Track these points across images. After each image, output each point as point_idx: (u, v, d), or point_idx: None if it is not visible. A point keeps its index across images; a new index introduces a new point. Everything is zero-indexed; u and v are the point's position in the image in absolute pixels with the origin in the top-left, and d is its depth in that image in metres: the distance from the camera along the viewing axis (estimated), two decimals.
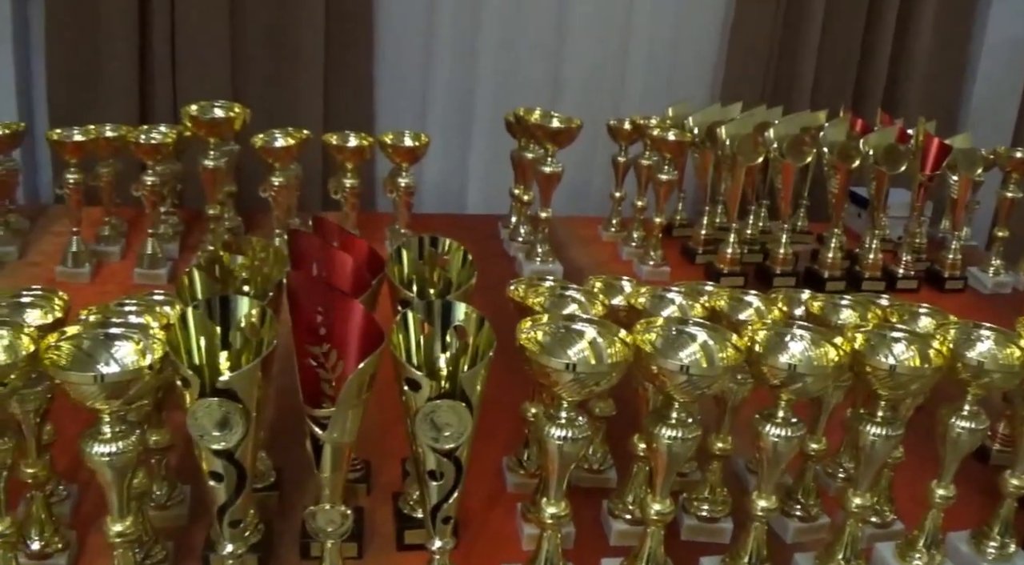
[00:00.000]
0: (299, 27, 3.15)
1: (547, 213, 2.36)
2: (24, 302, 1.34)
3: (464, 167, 3.41)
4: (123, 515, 1.21)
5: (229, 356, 1.18)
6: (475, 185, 3.45)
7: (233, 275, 1.39)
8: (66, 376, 1.10)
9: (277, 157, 2.18)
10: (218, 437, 1.11)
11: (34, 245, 2.48)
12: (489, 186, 3.41)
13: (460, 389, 1.16)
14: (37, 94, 3.28)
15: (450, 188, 3.39)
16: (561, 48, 3.34)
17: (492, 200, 3.31)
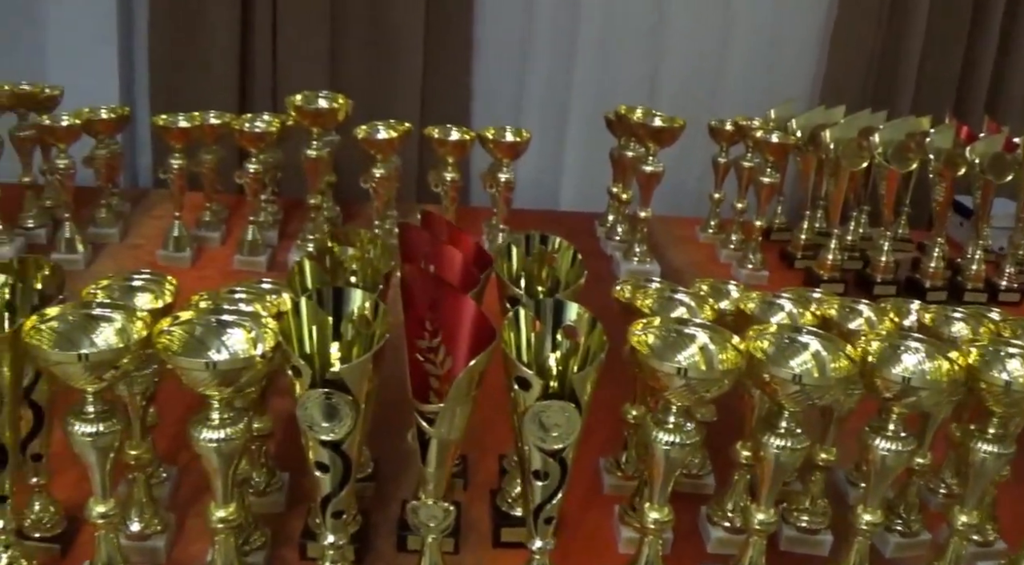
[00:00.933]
0: (398, 19, 3.15)
1: (647, 213, 2.34)
2: (135, 286, 1.35)
3: (559, 163, 3.40)
4: (227, 501, 1.22)
5: (340, 347, 1.18)
6: (569, 182, 3.43)
7: (343, 266, 1.39)
8: (178, 361, 1.11)
9: (379, 149, 2.19)
10: (327, 428, 1.11)
11: (135, 228, 2.51)
12: (583, 183, 3.39)
13: (570, 390, 1.15)
14: (139, 81, 3.32)
15: (544, 184, 3.38)
16: (659, 45, 3.31)
17: (585, 197, 3.30)
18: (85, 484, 1.50)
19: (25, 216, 2.40)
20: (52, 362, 1.10)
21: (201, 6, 3.12)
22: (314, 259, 1.35)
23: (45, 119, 2.19)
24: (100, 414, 1.16)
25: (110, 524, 1.24)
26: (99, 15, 3.22)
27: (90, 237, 2.35)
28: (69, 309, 1.18)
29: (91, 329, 1.17)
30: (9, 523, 1.26)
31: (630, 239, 2.46)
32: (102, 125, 2.29)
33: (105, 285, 1.34)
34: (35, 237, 2.38)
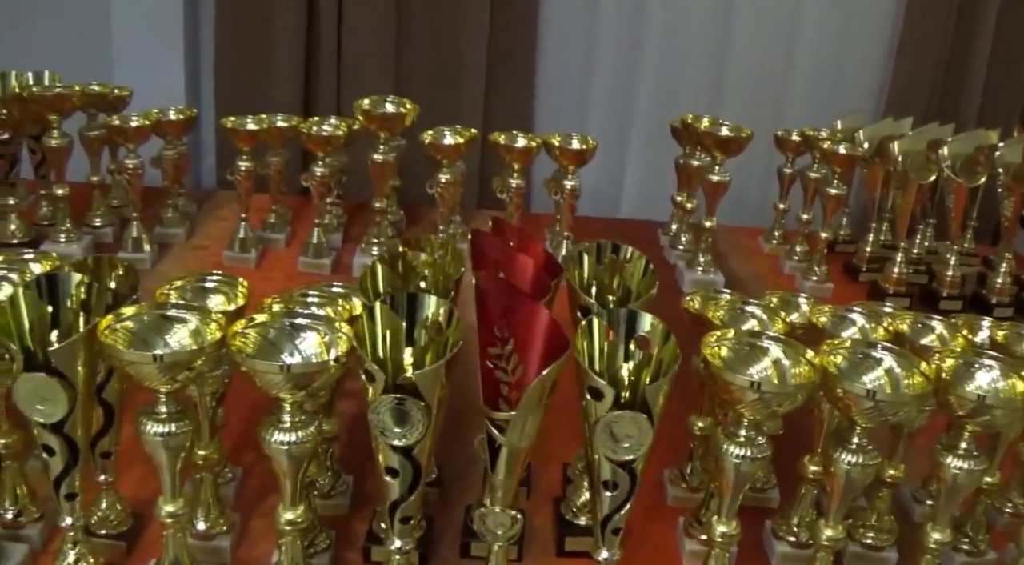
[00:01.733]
0: (464, 26, 3.16)
1: (712, 223, 2.33)
2: (207, 287, 1.35)
3: (620, 171, 3.39)
4: (295, 503, 1.22)
5: (413, 352, 1.18)
6: (630, 189, 3.43)
7: (415, 271, 1.39)
8: (253, 364, 1.11)
9: (445, 154, 2.19)
10: (398, 433, 1.11)
11: (200, 228, 2.53)
12: (644, 191, 3.39)
13: (642, 400, 1.14)
14: (204, 83, 3.35)
15: (605, 191, 3.37)
16: (724, 54, 3.30)
17: (646, 205, 3.29)
18: (150, 482, 1.52)
19: (92, 215, 2.42)
20: (127, 362, 1.11)
21: (267, 9, 3.14)
22: (386, 263, 1.35)
23: (115, 120, 2.21)
24: (172, 414, 1.16)
25: (178, 524, 1.25)
26: (166, 17, 3.25)
27: (156, 237, 2.37)
28: (144, 309, 1.18)
29: (165, 330, 1.18)
30: (78, 520, 1.27)
31: (694, 248, 2.44)
32: (170, 126, 2.30)
33: (178, 286, 1.35)
34: (102, 236, 2.40)
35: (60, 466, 1.20)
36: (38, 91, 2.18)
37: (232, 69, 3.25)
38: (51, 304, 1.20)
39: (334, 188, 2.37)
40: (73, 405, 1.15)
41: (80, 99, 2.27)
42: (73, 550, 1.29)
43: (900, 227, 2.45)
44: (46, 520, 1.43)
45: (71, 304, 1.21)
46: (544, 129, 2.97)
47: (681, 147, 2.54)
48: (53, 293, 1.20)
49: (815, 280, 2.43)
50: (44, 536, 1.43)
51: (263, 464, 1.60)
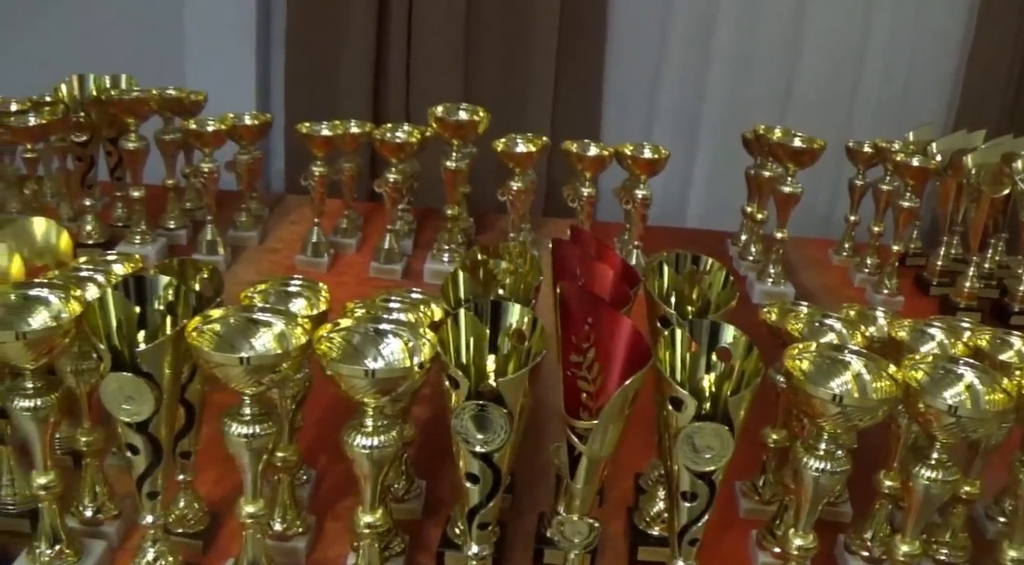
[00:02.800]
0: (532, 34, 3.17)
1: (783, 234, 2.31)
2: (290, 291, 1.37)
3: (687, 180, 3.39)
4: (374, 507, 1.23)
5: (496, 360, 1.18)
6: (696, 198, 3.42)
7: (496, 279, 1.39)
8: (338, 368, 1.12)
9: (517, 162, 2.19)
10: (480, 440, 1.12)
11: (273, 232, 2.55)
12: (710, 200, 3.38)
13: (723, 412, 1.14)
14: (275, 87, 3.38)
15: (671, 200, 3.37)
16: (793, 65, 3.30)
17: (712, 214, 3.29)
18: (224, 482, 1.54)
19: (167, 217, 2.45)
20: (214, 364, 1.12)
21: (338, 15, 3.16)
22: (467, 270, 1.36)
23: (192, 124, 2.24)
24: (256, 416, 1.18)
25: (258, 524, 1.26)
26: (238, 22, 3.29)
27: (230, 240, 2.39)
28: (231, 312, 1.20)
29: (251, 333, 1.19)
30: (158, 519, 1.29)
31: (764, 259, 2.43)
32: (245, 131, 2.33)
33: (262, 289, 1.36)
34: (176, 238, 2.43)
35: (143, 465, 1.22)
36: (116, 94, 2.22)
37: (302, 74, 3.28)
38: (139, 305, 1.22)
39: (405, 194, 2.38)
40: (158, 405, 1.16)
41: (157, 103, 2.30)
42: (152, 548, 1.30)
43: (972, 241, 2.43)
44: (123, 518, 1.45)
45: (158, 306, 1.22)
46: (612, 137, 2.98)
47: (752, 157, 2.53)
48: (141, 294, 1.22)
49: (886, 293, 2.41)
50: (121, 533, 1.45)
51: (337, 467, 1.62)
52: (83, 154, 2.29)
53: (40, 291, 1.25)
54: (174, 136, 2.37)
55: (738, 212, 2.65)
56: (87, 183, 2.32)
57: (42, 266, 1.55)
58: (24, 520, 1.45)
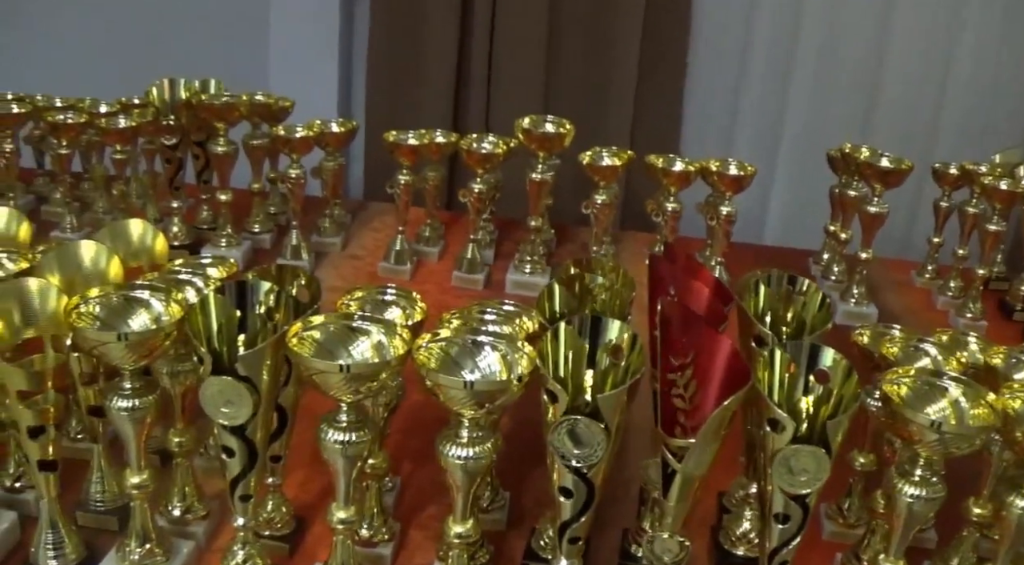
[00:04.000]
0: (614, 46, 3.17)
1: (868, 254, 2.29)
2: (386, 300, 1.37)
3: (766, 196, 3.37)
4: (465, 517, 1.23)
5: (594, 375, 1.18)
6: (774, 216, 3.40)
7: (592, 294, 1.39)
8: (437, 379, 1.12)
9: (602, 175, 2.19)
10: (577, 455, 1.12)
11: (355, 239, 2.57)
12: (789, 218, 3.36)
13: (821, 435, 1.13)
14: (356, 96, 3.41)
15: (749, 216, 3.34)
16: (875, 82, 3.27)
17: (791, 232, 3.27)
18: (310, 485, 1.56)
19: (252, 221, 2.48)
20: (315, 371, 1.13)
21: (420, 23, 3.19)
22: (564, 284, 1.36)
23: (280, 130, 2.25)
24: (352, 424, 1.18)
25: (349, 530, 1.27)
26: (322, 29, 3.32)
27: (313, 245, 2.41)
28: (331, 320, 1.21)
29: (350, 341, 1.20)
30: (250, 521, 1.30)
31: (847, 280, 2.41)
32: (332, 138, 2.34)
33: (359, 297, 1.37)
34: (260, 242, 2.45)
35: (238, 468, 1.23)
36: (206, 99, 2.24)
37: (383, 82, 3.30)
38: (239, 309, 1.23)
39: (489, 205, 2.38)
40: (256, 409, 1.17)
41: (247, 109, 2.32)
42: (243, 550, 1.31)
43: None
44: (211, 518, 1.47)
45: (258, 310, 1.24)
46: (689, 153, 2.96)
47: (837, 176, 2.51)
48: (241, 299, 1.23)
49: (969, 317, 2.38)
50: (208, 534, 1.47)
51: (420, 474, 1.62)
52: (172, 157, 2.32)
53: (141, 293, 1.27)
54: (262, 141, 2.39)
55: (815, 230, 2.63)
56: (174, 185, 2.34)
57: (136, 267, 1.57)
58: (112, 517, 1.47)
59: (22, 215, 1.67)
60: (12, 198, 2.47)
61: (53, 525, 1.35)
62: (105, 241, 1.51)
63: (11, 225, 1.66)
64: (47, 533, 1.35)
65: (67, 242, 1.49)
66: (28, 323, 1.32)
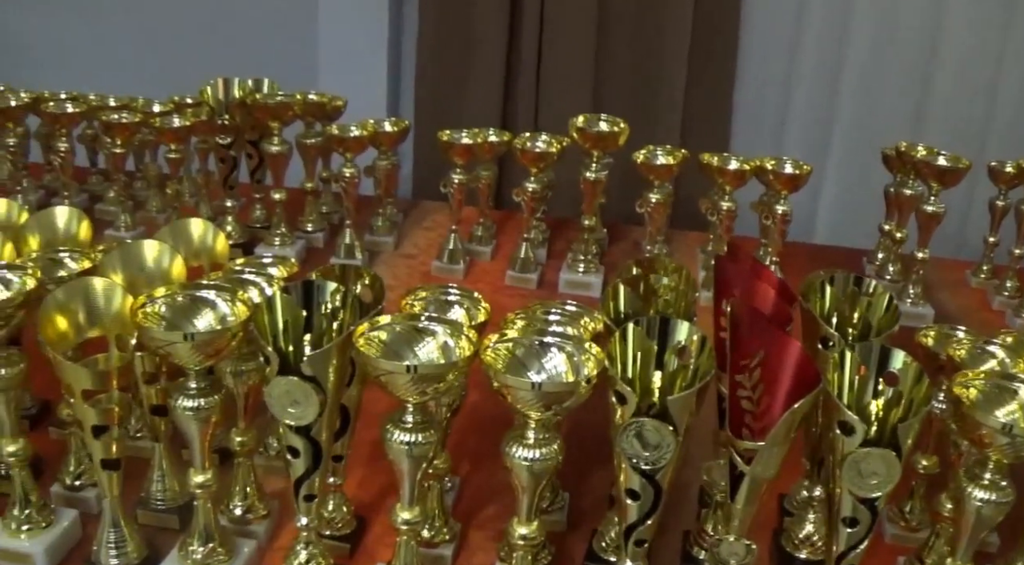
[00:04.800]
0: (663, 44, 3.16)
1: (924, 254, 2.27)
2: (450, 300, 1.37)
3: (816, 194, 3.34)
4: (530, 519, 1.23)
5: (662, 377, 1.17)
6: (824, 214, 3.38)
7: (657, 294, 1.39)
8: (505, 380, 1.12)
9: (657, 174, 2.18)
10: (646, 457, 1.11)
11: (407, 238, 2.57)
12: (839, 216, 3.34)
13: (891, 438, 1.12)
14: (404, 95, 3.42)
15: (799, 214, 3.31)
16: (927, 81, 3.23)
17: (839, 231, 3.24)
18: (368, 485, 1.56)
19: (305, 220, 2.48)
20: (382, 372, 1.13)
21: (469, 22, 3.18)
22: (628, 284, 1.35)
23: (335, 129, 2.26)
24: (418, 425, 1.18)
25: (412, 531, 1.27)
26: (371, 28, 3.32)
27: (366, 244, 2.41)
28: (397, 320, 1.20)
29: (416, 341, 1.20)
30: (313, 521, 1.30)
31: (903, 279, 2.39)
32: (386, 137, 2.34)
33: (422, 297, 1.37)
34: (313, 241, 2.46)
35: (303, 468, 1.23)
36: (261, 98, 2.25)
37: (432, 81, 3.30)
38: (304, 309, 1.23)
39: (541, 204, 2.37)
40: (322, 409, 1.17)
41: (301, 107, 2.32)
42: (305, 550, 1.32)
43: None
44: (271, 517, 1.47)
45: (325, 310, 1.24)
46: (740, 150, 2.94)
47: (891, 174, 2.49)
48: (307, 298, 1.23)
49: None
50: (269, 533, 1.47)
51: (478, 475, 1.62)
52: (226, 156, 2.33)
53: (207, 293, 1.27)
54: (315, 141, 2.40)
55: (866, 228, 2.61)
56: (228, 184, 2.35)
57: (197, 267, 1.58)
58: (173, 516, 1.48)
59: (82, 214, 1.69)
60: (67, 196, 2.48)
61: (115, 524, 1.36)
62: (166, 240, 1.52)
63: (71, 224, 1.67)
64: (109, 532, 1.35)
65: (130, 241, 1.49)
66: (93, 322, 1.32)
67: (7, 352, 1.32)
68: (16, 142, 2.52)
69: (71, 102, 2.50)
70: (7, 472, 1.51)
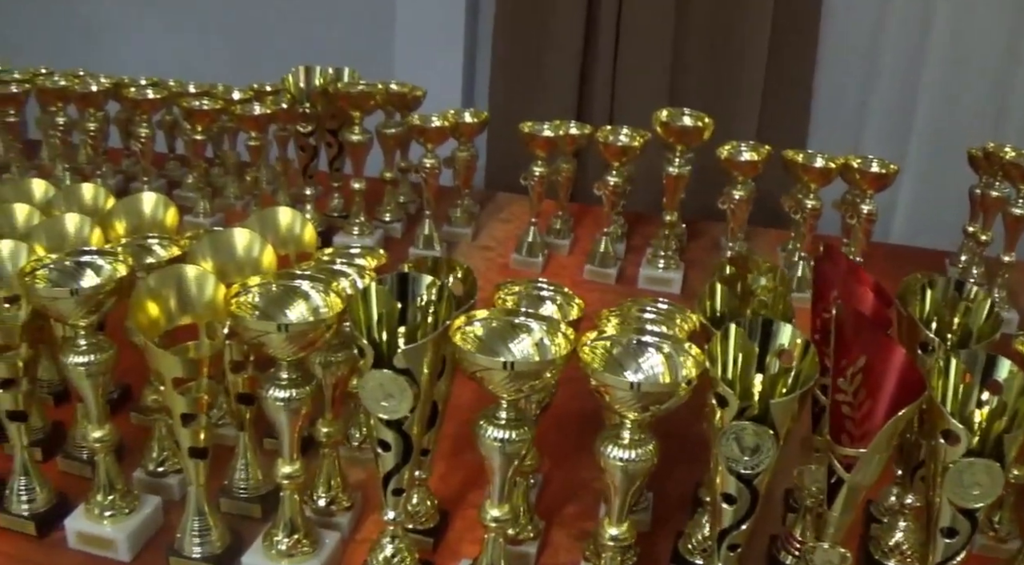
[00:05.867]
0: (742, 39, 3.13)
1: (1011, 257, 2.22)
2: (542, 296, 1.36)
3: (894, 193, 3.29)
4: (620, 520, 1.22)
5: (764, 380, 1.15)
6: (902, 212, 3.33)
7: (754, 294, 1.36)
8: (603, 378, 1.10)
9: (741, 170, 2.15)
10: (747, 462, 1.09)
11: (484, 229, 2.56)
12: (918, 215, 3.29)
13: (993, 448, 1.10)
14: (479, 85, 3.41)
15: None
16: (1008, 80, 3.17)
17: (918, 231, 3.19)
18: (450, 479, 1.56)
19: (383, 210, 2.48)
20: (478, 367, 1.11)
21: (546, 14, 3.17)
22: (725, 283, 1.34)
23: (416, 119, 2.25)
24: (511, 422, 1.17)
25: (501, 529, 1.26)
26: (448, 18, 3.32)
27: (444, 235, 2.40)
28: (494, 315, 1.19)
29: (511, 337, 1.19)
30: (400, 515, 1.29)
31: (986, 283, 2.35)
32: (466, 128, 2.33)
33: (515, 291, 1.36)
34: (391, 230, 2.46)
35: (392, 462, 1.22)
36: (343, 88, 2.24)
37: (507, 72, 3.29)
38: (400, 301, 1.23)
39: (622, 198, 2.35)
40: (416, 403, 1.16)
41: (383, 98, 2.32)
42: (391, 544, 1.31)
43: None
44: (354, 509, 1.47)
45: (420, 303, 1.22)
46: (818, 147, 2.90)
47: (977, 175, 2.44)
48: (402, 291, 1.22)
49: None
50: (352, 525, 1.46)
51: (560, 472, 1.61)
52: (306, 144, 2.33)
53: (300, 283, 1.26)
54: (396, 130, 2.39)
55: (944, 229, 2.57)
56: (308, 173, 2.35)
57: (283, 255, 1.58)
58: (255, 505, 1.48)
59: (168, 201, 1.69)
60: (146, 182, 2.50)
61: (200, 512, 1.36)
62: (254, 228, 1.52)
63: (158, 210, 1.68)
64: (194, 520, 1.35)
65: (220, 229, 1.49)
66: (184, 310, 1.32)
67: (96, 338, 1.32)
68: (96, 127, 2.53)
69: (151, 88, 2.51)
70: (88, 457, 1.53)
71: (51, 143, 2.73)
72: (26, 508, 1.43)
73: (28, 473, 1.44)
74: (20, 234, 1.52)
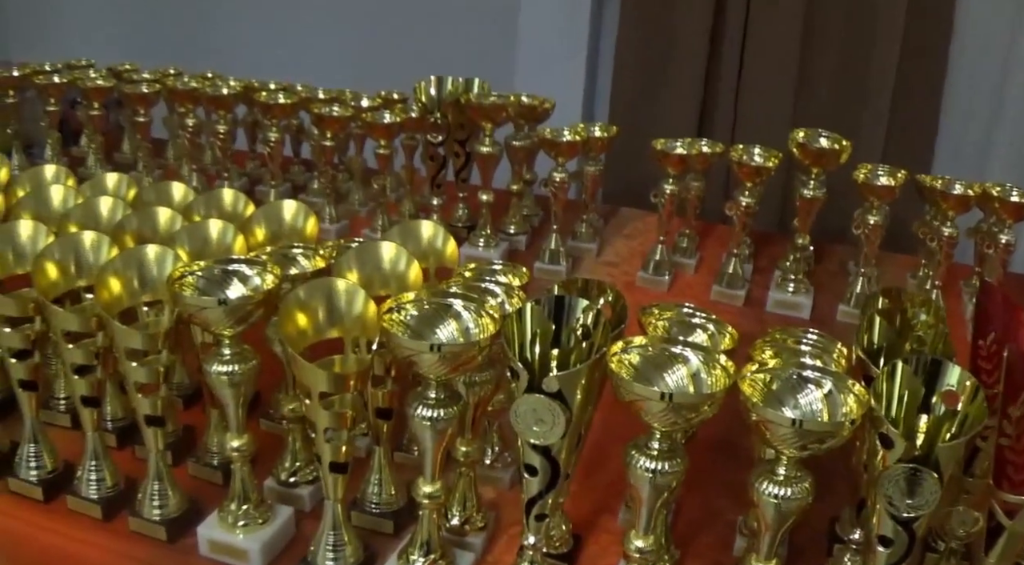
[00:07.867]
0: (870, 60, 3.08)
1: None
2: (694, 323, 1.34)
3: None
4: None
5: (928, 422, 1.12)
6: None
7: (912, 329, 1.33)
8: (765, 414, 1.08)
9: (876, 194, 2.11)
10: (910, 505, 1.07)
11: (609, 244, 2.54)
12: None
13: None
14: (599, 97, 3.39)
15: None
16: None
17: None
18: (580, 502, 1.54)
19: (508, 222, 2.48)
20: (635, 396, 1.10)
21: (670, 28, 3.15)
22: (884, 317, 1.30)
23: (547, 133, 2.24)
24: (663, 453, 1.15)
25: (645, 560, 1.23)
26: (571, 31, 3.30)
27: (569, 250, 2.39)
28: (651, 342, 1.18)
29: (667, 366, 1.17)
30: (540, 541, 1.28)
31: None
32: (596, 143, 2.33)
33: (667, 316, 1.34)
34: (516, 243, 2.45)
35: (538, 487, 1.21)
36: (475, 99, 2.24)
37: (629, 87, 3.28)
38: (554, 323, 1.21)
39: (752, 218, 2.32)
40: (567, 429, 1.15)
41: (514, 110, 2.31)
42: None
43: None
44: (488, 529, 1.46)
45: (574, 326, 1.21)
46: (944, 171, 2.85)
47: None
48: (558, 313, 1.21)
49: None
50: (484, 545, 1.45)
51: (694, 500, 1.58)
52: (436, 154, 2.33)
53: (453, 302, 1.26)
54: (525, 143, 2.39)
55: None
56: (436, 183, 2.35)
57: (424, 269, 1.57)
58: (387, 520, 1.47)
59: (308, 209, 1.69)
60: (274, 186, 2.53)
61: (335, 526, 1.35)
62: (395, 240, 1.52)
63: (298, 218, 1.68)
64: (329, 534, 1.35)
65: (365, 241, 1.49)
66: (332, 323, 1.33)
67: (240, 348, 1.33)
68: (225, 130, 2.56)
69: (282, 93, 2.54)
70: (219, 463, 1.54)
71: (178, 143, 2.77)
72: (158, 513, 1.44)
73: (162, 478, 1.45)
74: (162, 238, 1.54)
